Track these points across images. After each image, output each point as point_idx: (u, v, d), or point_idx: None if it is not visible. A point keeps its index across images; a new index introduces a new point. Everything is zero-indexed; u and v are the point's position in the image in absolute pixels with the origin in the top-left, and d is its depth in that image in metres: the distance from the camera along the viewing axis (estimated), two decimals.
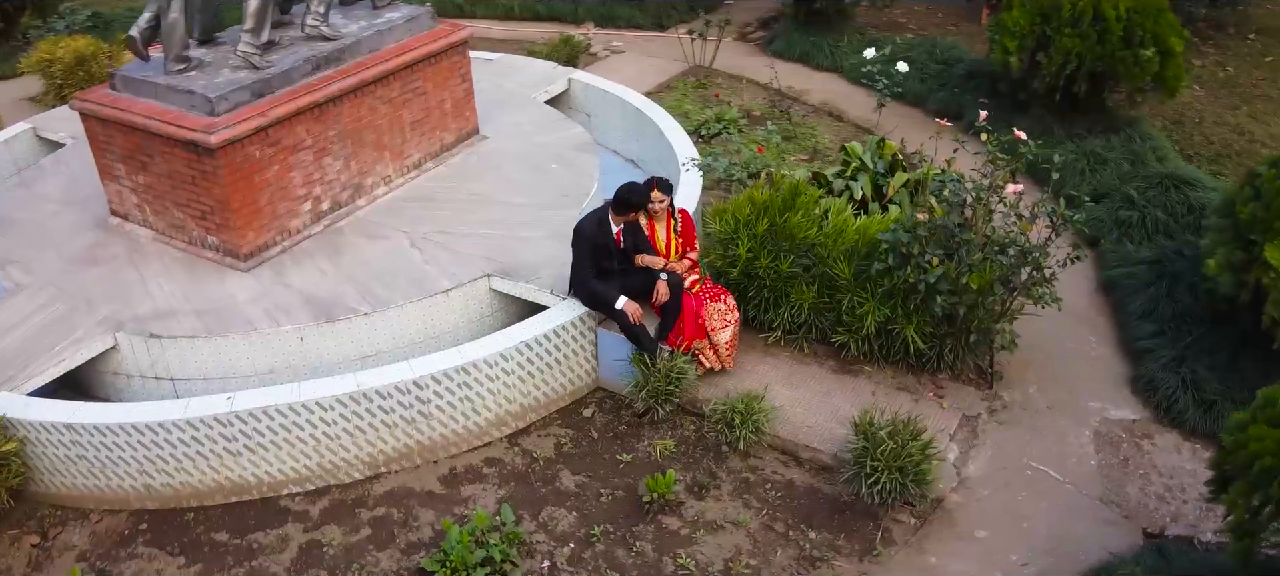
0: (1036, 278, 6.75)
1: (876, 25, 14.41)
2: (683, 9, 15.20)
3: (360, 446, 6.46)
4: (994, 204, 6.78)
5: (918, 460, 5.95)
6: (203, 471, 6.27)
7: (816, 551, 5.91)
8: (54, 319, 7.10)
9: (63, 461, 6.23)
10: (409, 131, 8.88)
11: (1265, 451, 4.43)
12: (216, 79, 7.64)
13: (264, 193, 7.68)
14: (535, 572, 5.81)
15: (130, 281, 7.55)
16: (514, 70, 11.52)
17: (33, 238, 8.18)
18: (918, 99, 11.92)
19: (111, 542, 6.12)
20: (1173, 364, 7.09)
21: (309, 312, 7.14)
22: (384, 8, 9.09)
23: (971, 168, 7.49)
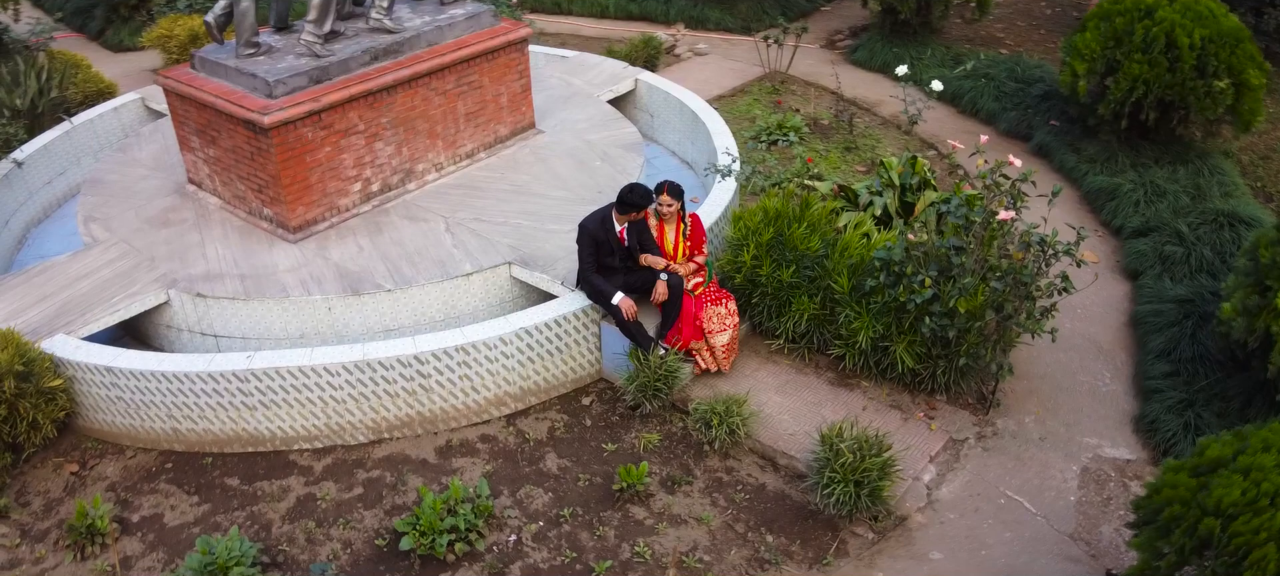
0: (1026, 307, 6.67)
1: (971, 39, 14.17)
2: (774, 14, 15.29)
3: (364, 412, 6.96)
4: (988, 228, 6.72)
5: (876, 476, 6.03)
6: (222, 421, 6.89)
7: (769, 555, 6.07)
8: (119, 273, 7.89)
9: (103, 401, 6.96)
10: (463, 122, 9.38)
11: (1176, 498, 4.39)
12: (279, 64, 8.30)
13: (315, 171, 8.30)
14: (501, 544, 6.18)
15: (191, 244, 8.29)
16: (585, 68, 11.91)
17: (118, 198, 9.05)
18: (989, 117, 11.73)
19: (139, 477, 6.81)
20: (1179, 406, 6.90)
21: (339, 285, 7.70)
22: (449, 4, 9.61)
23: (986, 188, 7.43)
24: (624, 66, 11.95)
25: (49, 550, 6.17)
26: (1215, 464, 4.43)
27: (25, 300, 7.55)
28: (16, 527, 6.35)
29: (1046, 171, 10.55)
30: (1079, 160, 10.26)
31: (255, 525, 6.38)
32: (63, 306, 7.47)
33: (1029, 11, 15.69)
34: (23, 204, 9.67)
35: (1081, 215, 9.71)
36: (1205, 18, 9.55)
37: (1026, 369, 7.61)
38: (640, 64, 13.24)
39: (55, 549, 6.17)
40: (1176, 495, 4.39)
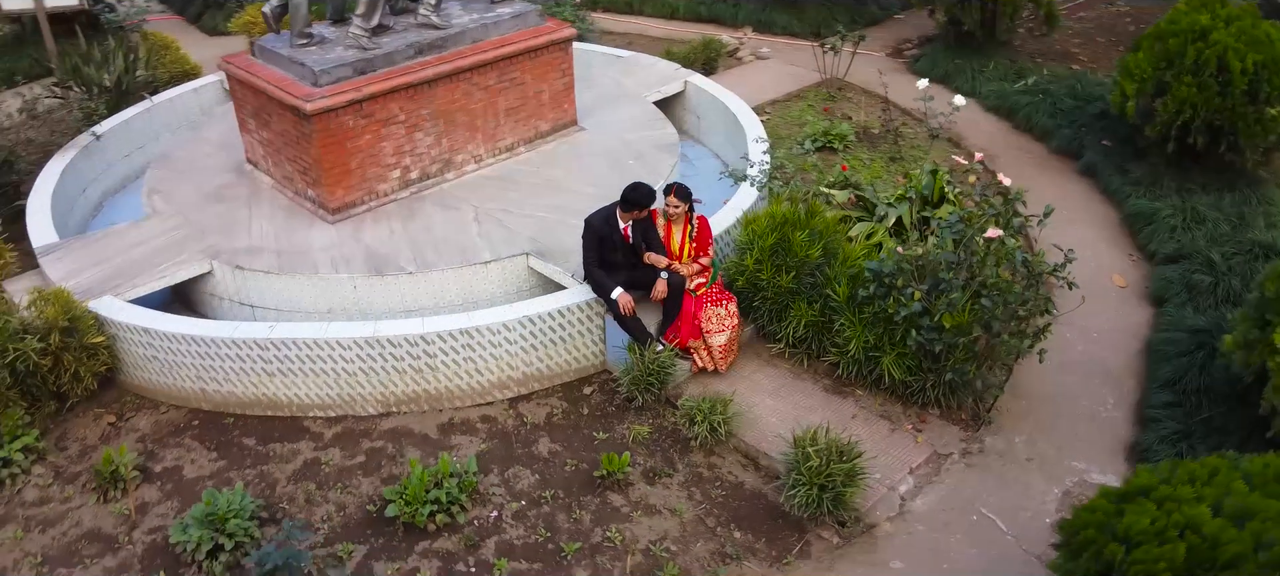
0: (1012, 326, 6.68)
1: (1044, 54, 13.94)
2: (844, 20, 15.27)
3: (374, 386, 7.39)
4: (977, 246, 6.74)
5: (840, 482, 6.15)
6: (245, 385, 7.41)
7: (733, 550, 6.25)
8: (170, 242, 8.51)
9: (141, 359, 7.56)
10: (503, 117, 9.76)
11: (1092, 523, 4.43)
12: (327, 55, 8.81)
13: (355, 157, 8.78)
14: (481, 519, 6.52)
15: (240, 219, 8.88)
16: (639, 69, 12.18)
17: (182, 173, 9.73)
18: (1043, 133, 11.57)
19: (167, 431, 7.38)
20: (1175, 437, 6.81)
21: (365, 265, 8.16)
22: (498, 3, 10.00)
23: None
24: (676, 68, 12.18)
25: (77, 492, 6.77)
26: (1139, 491, 4.45)
27: (84, 262, 8.22)
28: (52, 469, 6.97)
29: (1091, 192, 10.38)
30: (1124, 182, 10.06)
31: (262, 482, 6.86)
32: (116, 270, 8.12)
33: (1112, 28, 15.31)
34: (101, 174, 10.45)
35: (1120, 238, 9.55)
36: (1261, 43, 9.26)
37: (1028, 389, 7.58)
38: (699, 66, 13.45)
39: (82, 491, 6.77)
40: (1093, 519, 4.44)
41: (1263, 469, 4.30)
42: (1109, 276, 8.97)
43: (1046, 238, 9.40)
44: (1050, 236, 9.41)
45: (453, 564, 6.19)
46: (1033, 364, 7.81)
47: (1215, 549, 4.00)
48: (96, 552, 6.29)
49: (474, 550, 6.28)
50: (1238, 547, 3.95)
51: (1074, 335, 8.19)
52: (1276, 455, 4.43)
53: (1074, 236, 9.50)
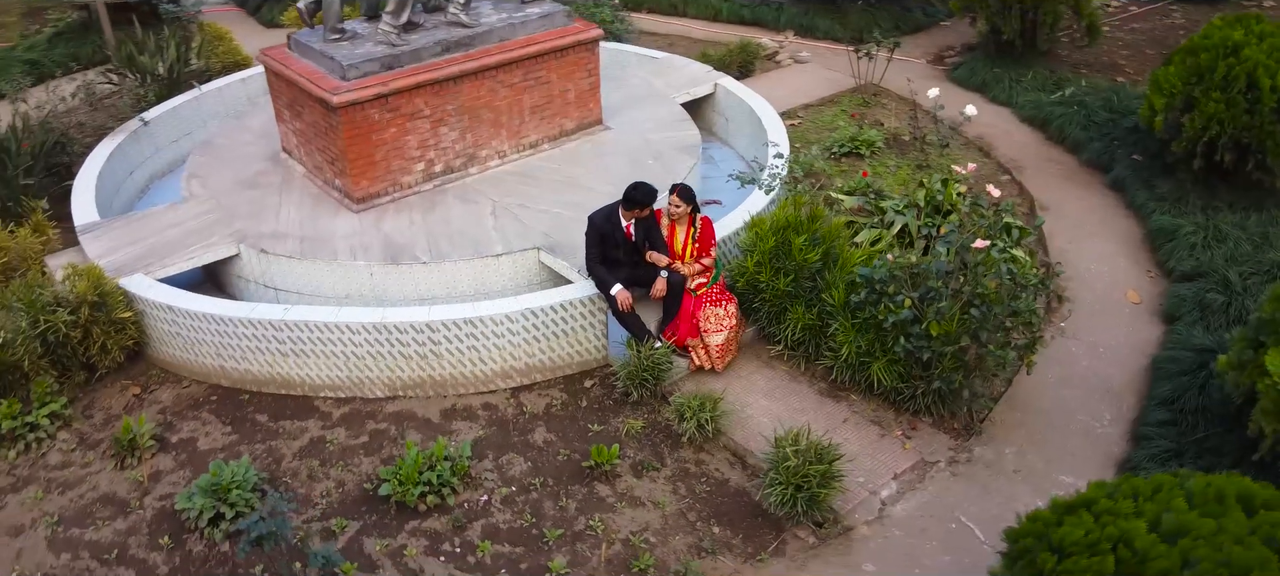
0: (997, 338, 6.70)
1: (1089, 65, 13.76)
2: (887, 26, 15.25)
3: (381, 370, 7.68)
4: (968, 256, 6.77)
5: (815, 483, 6.25)
6: (260, 364, 7.76)
7: (710, 544, 6.39)
8: (203, 225, 8.92)
9: (166, 335, 7.95)
10: (528, 114, 10.00)
11: (1032, 532, 4.50)
12: (356, 50, 9.14)
13: (380, 149, 9.10)
14: (471, 502, 6.76)
15: (269, 205, 9.26)
16: (671, 70, 12.34)
17: (221, 159, 10.16)
18: (1075, 145, 11.44)
19: (187, 405, 7.76)
20: (1166, 456, 6.76)
21: (382, 254, 8.46)
22: (528, 3, 10.25)
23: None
24: (707, 71, 12.32)
25: (97, 458, 7.17)
26: (1083, 504, 4.50)
27: (120, 241, 8.66)
28: (76, 435, 7.39)
29: (1117, 206, 10.26)
30: (1150, 197, 9.94)
31: (270, 457, 7.19)
32: (149, 249, 8.54)
33: (1163, 40, 15.01)
34: (148, 158, 10.96)
35: (1140, 254, 9.44)
36: None
37: (1025, 401, 7.58)
38: (735, 69, 13.58)
39: (102, 457, 7.17)
40: (1034, 529, 4.50)
41: (1204, 488, 4.31)
42: (1123, 292, 8.88)
43: (1066, 251, 9.39)
44: (1070, 250, 9.41)
45: (439, 543, 6.44)
46: (1033, 376, 7.84)
47: (1143, 564, 4.04)
48: (109, 515, 6.67)
49: (460, 531, 6.52)
50: (1164, 563, 3.98)
51: (1080, 350, 8.16)
52: (1222, 476, 4.43)
53: (1094, 250, 9.48)
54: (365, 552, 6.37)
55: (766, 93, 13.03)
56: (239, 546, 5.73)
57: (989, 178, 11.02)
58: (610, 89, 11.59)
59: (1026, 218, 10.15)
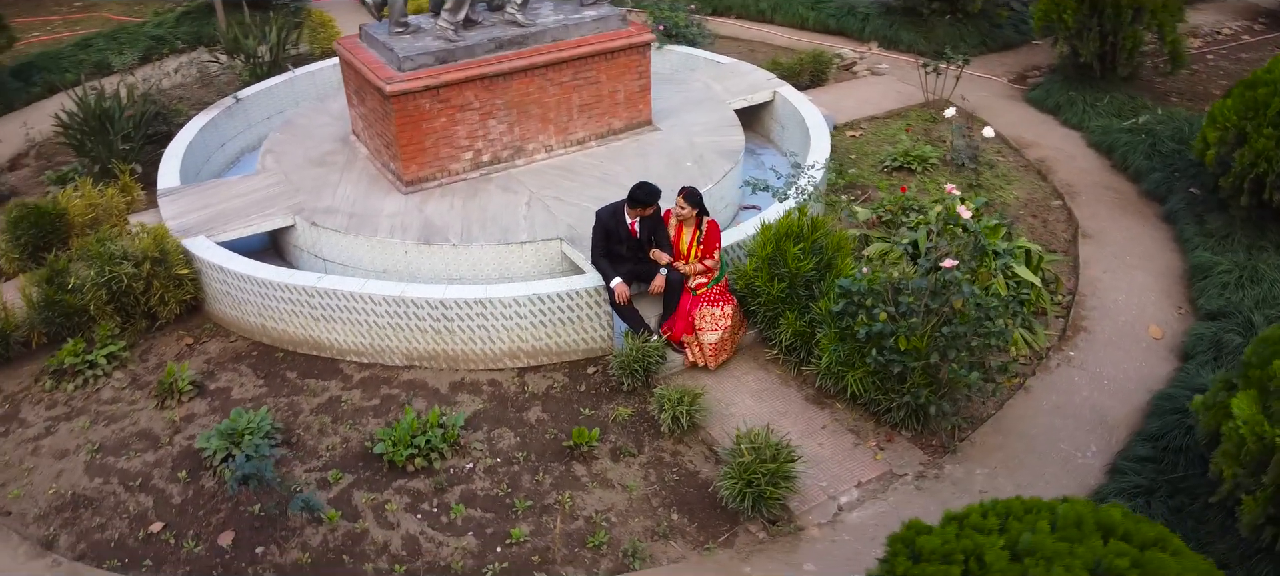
0: (961, 358, 6.78)
1: (1180, 93, 13.34)
2: (974, 42, 15.08)
3: (400, 340, 8.31)
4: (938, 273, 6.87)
5: (763, 481, 6.51)
6: (295, 326, 8.50)
7: (665, 530, 6.73)
8: (267, 197, 9.76)
9: (218, 293, 8.80)
10: (577, 112, 10.49)
11: (904, 538, 4.69)
12: (415, 44, 9.81)
13: (429, 137, 9.75)
14: (456, 468, 7.29)
15: (329, 183, 10.04)
16: (734, 76, 12.62)
17: (297, 139, 11.03)
18: (1137, 174, 11.17)
19: (229, 358, 8.57)
20: (1135, 491, 6.72)
21: (418, 234, 9.09)
22: (588, 6, 10.73)
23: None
24: (769, 78, 12.54)
25: (142, 397, 8.03)
26: (959, 517, 4.68)
27: (192, 205, 9.59)
28: (129, 376, 8.28)
29: (1165, 239, 10.02)
30: (1198, 232, 9.67)
31: (290, 410, 7.90)
32: (216, 214, 9.43)
33: None
34: (241, 133, 11.96)
35: (1176, 289, 9.23)
36: None
37: (1012, 425, 7.61)
38: (806, 77, 13.75)
39: (147, 397, 8.03)
40: (907, 536, 4.69)
41: (1067, 512, 4.42)
42: (1146, 326, 8.73)
43: (1098, 280, 9.32)
44: (1103, 279, 9.33)
45: (419, 502, 6.99)
46: (1026, 400, 7.87)
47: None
48: (141, 448, 7.50)
49: (441, 493, 7.06)
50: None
51: (1083, 380, 8.10)
52: (1084, 501, 4.52)
53: (1127, 282, 9.33)
54: (352, 503, 6.98)
55: (833, 103, 13.24)
56: (228, 482, 6.42)
57: (1041, 202, 10.92)
58: (669, 92, 11.99)
59: (1066, 245, 10.04)
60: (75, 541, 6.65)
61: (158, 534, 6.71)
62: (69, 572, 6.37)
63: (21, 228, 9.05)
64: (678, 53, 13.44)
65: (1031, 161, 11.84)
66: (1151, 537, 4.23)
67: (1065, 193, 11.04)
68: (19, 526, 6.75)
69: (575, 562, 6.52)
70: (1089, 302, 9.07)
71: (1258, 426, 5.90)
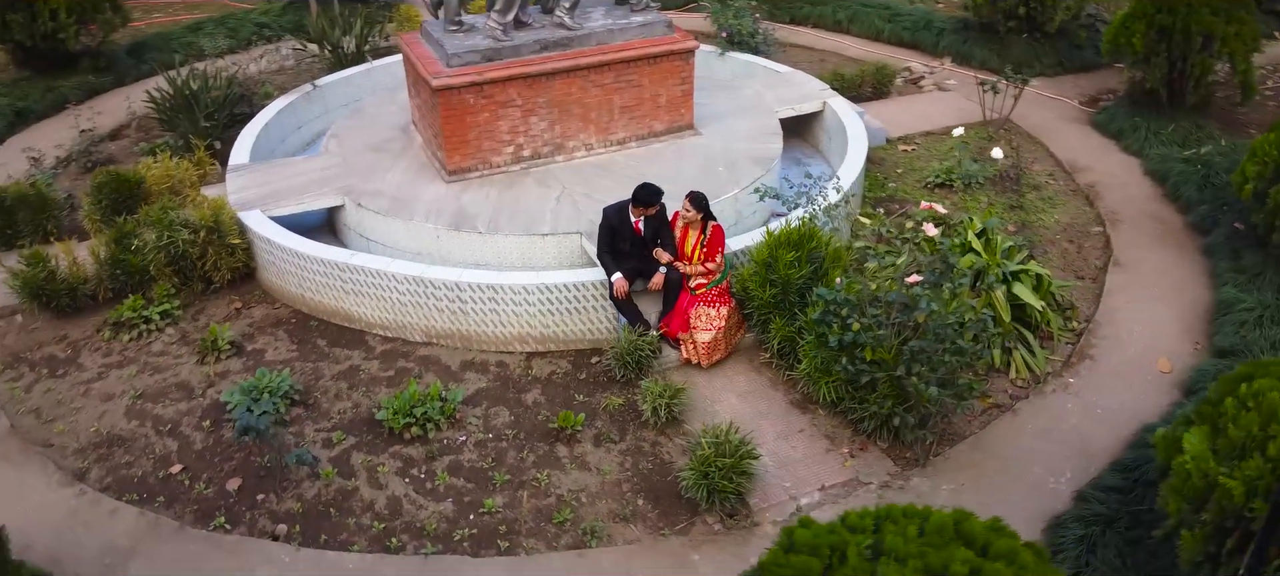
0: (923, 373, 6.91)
1: (1257, 124, 12.89)
2: (1048, 63, 14.85)
3: (419, 318, 8.90)
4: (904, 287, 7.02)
5: (717, 475, 6.81)
6: (328, 298, 9.20)
7: (628, 513, 7.11)
8: (323, 177, 10.51)
9: (265, 263, 9.58)
10: (618, 113, 10.92)
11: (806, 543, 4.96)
12: (465, 41, 10.41)
13: (472, 130, 10.34)
14: (450, 440, 7.82)
15: (381, 168, 10.75)
16: (789, 84, 12.83)
17: (361, 125, 11.81)
18: (1186, 206, 10.91)
19: (270, 323, 9.33)
20: (1094, 520, 6.75)
21: (450, 221, 9.68)
22: (637, 11, 11.14)
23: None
24: (822, 88, 12.70)
25: (187, 352, 8.85)
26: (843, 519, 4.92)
27: (255, 181, 10.43)
28: (179, 333, 9.12)
29: (1198, 273, 9.80)
30: (1231, 268, 9.44)
31: (313, 374, 8.59)
32: (274, 191, 10.24)
33: None
34: (317, 117, 12.84)
35: (1197, 324, 9.05)
36: None
37: (991, 445, 7.68)
38: (868, 89, 13.85)
39: (191, 352, 8.84)
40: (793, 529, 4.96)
41: (935, 520, 4.61)
42: (1156, 359, 8.61)
43: (1118, 310, 9.31)
44: (1124, 309, 9.32)
45: (409, 467, 7.56)
46: (1011, 421, 7.93)
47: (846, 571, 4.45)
48: (177, 398, 8.30)
49: (431, 461, 7.61)
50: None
51: (1075, 407, 8.09)
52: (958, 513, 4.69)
53: (1148, 313, 9.22)
54: (350, 463, 7.59)
55: (891, 116, 13.32)
56: (234, 432, 7.11)
57: (1080, 228, 10.80)
58: (719, 98, 12.29)
59: (1095, 272, 9.93)
60: (104, 475, 7.46)
61: (176, 475, 7.46)
62: (91, 502, 7.17)
63: (103, 192, 10.04)
64: (738, 60, 13.71)
65: (1081, 186, 11.68)
66: (1004, 550, 4.40)
67: (1108, 219, 10.88)
68: (58, 458, 7.61)
69: (538, 535, 6.97)
70: (1102, 331, 8.99)
71: (1203, 462, 5.90)
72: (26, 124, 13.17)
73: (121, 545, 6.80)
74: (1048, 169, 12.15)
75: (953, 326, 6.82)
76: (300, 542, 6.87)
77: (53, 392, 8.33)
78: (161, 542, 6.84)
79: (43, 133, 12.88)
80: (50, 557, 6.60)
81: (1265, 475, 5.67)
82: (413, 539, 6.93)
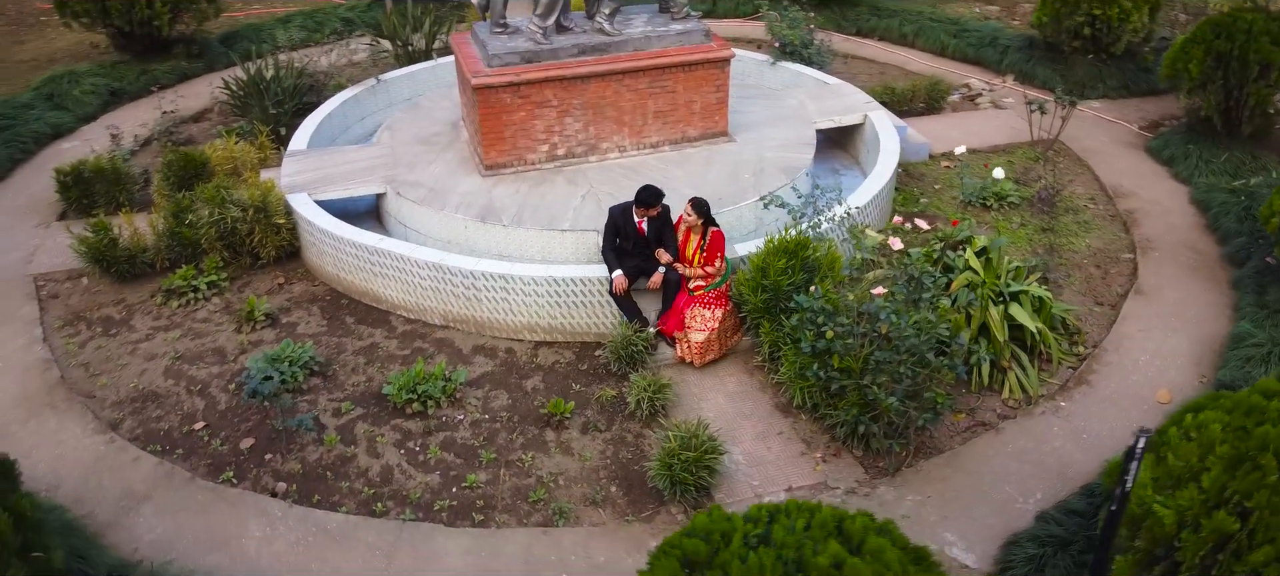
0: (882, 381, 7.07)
1: None
2: (1113, 84, 14.57)
3: (438, 303, 9.45)
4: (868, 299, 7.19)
5: (679, 468, 7.12)
6: (359, 279, 9.83)
7: (600, 498, 7.47)
8: (370, 166, 11.19)
9: (307, 243, 10.28)
10: (651, 117, 11.29)
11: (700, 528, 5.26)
12: (507, 43, 10.93)
13: (509, 128, 10.85)
14: (448, 417, 8.32)
15: (425, 160, 11.36)
16: (834, 96, 12.96)
17: (415, 119, 12.46)
18: (1224, 237, 10.67)
19: (306, 298, 10.02)
20: (1049, 541, 6.82)
21: (478, 213, 10.21)
22: (677, 19, 11.48)
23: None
24: (867, 101, 12.79)
25: (227, 321, 9.60)
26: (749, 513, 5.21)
27: (308, 166, 11.16)
28: (224, 303, 9.88)
29: (1222, 307, 9.62)
30: (1255, 303, 9.25)
31: (335, 348, 9.21)
32: (324, 176, 10.95)
33: None
34: (381, 109, 13.56)
35: (1207, 358, 8.92)
36: None
37: (966, 463, 7.78)
38: (921, 104, 13.87)
39: (231, 320, 9.58)
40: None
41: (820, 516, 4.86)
42: (1157, 390, 8.53)
43: (1127, 338, 9.33)
44: (1133, 338, 9.35)
45: (406, 440, 8.09)
46: (992, 440, 8.01)
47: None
48: (211, 361, 9.03)
49: (426, 436, 8.12)
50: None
51: (1062, 431, 8.11)
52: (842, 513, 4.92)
53: (1161, 345, 9.15)
54: (353, 432, 8.17)
55: (939, 132, 13.34)
56: (243, 395, 7.77)
57: (1110, 254, 10.68)
58: (760, 106, 12.54)
59: (1115, 299, 9.84)
60: (134, 427, 8.22)
61: (197, 431, 8.17)
62: (118, 449, 7.91)
63: (172, 169, 10.92)
64: (789, 70, 13.90)
65: (1120, 212, 11.51)
66: (872, 548, 4.62)
67: (1141, 247, 10.72)
68: (97, 409, 8.40)
69: (511, 511, 7.40)
70: (1106, 358, 8.94)
71: (1142, 490, 5.96)
72: (119, 103, 14.31)
73: (138, 490, 7.51)
74: (1090, 192, 12.00)
75: (922, 340, 6.96)
76: (295, 500, 7.47)
77: (103, 349, 9.17)
78: (173, 491, 7.53)
79: (132, 112, 13.97)
80: (74, 497, 7.36)
81: (1196, 505, 5.72)
82: (397, 505, 7.45)
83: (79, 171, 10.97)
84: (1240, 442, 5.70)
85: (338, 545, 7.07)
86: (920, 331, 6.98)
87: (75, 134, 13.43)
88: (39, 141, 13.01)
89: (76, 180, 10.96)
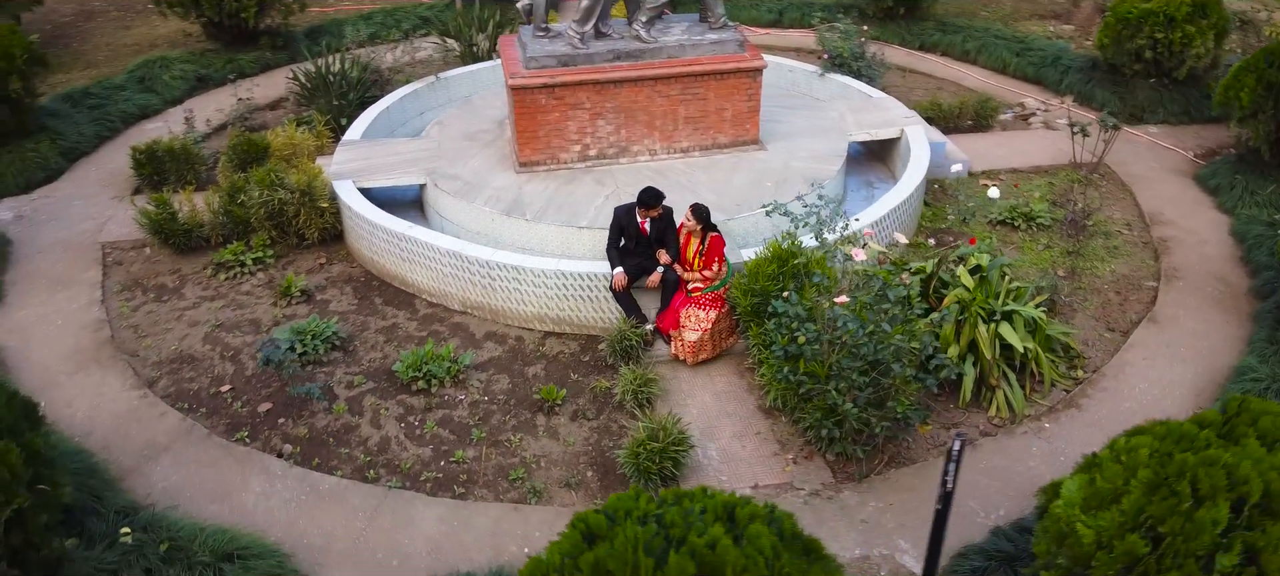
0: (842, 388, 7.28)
1: None
2: (1172, 109, 14.26)
3: (458, 289, 10.01)
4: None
5: (645, 459, 7.48)
6: (389, 263, 10.48)
7: (575, 481, 7.90)
8: (414, 159, 11.85)
9: (348, 227, 10.99)
10: (682, 123, 11.65)
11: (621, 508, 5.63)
12: (546, 47, 11.43)
13: (543, 128, 11.36)
14: (450, 396, 8.87)
15: (466, 155, 11.96)
16: (876, 110, 13.08)
17: (465, 116, 13.09)
18: (1255, 270, 10.47)
19: (342, 278, 10.72)
20: (998, 555, 6.96)
21: (505, 208, 10.74)
22: (714, 29, 11.81)
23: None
24: (907, 115, 12.87)
25: (268, 294, 10.36)
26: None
27: (358, 155, 11.88)
28: (267, 278, 10.65)
29: (1237, 339, 9.47)
30: (1267, 338, 9.10)
31: (360, 326, 9.86)
32: (370, 165, 11.66)
33: None
34: (440, 105, 14.25)
35: (1209, 390, 8.81)
36: None
37: (936, 473, 7.87)
38: (969, 121, 13.86)
39: (270, 294, 10.34)
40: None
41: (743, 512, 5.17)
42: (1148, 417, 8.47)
43: (1131, 364, 9.31)
44: (1139, 365, 9.37)
45: (407, 415, 8.66)
46: (967, 455, 8.10)
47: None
48: (246, 330, 9.79)
49: (428, 411, 8.68)
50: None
51: (1042, 452, 8.18)
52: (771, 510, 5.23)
53: (1163, 375, 9.13)
54: (360, 404, 8.78)
55: (983, 151, 13.35)
56: (258, 361, 8.47)
57: (1133, 281, 10.58)
58: (798, 116, 12.77)
59: (1128, 326, 9.77)
60: (169, 385, 9.01)
61: (222, 393, 8.91)
62: (149, 404, 8.70)
63: (236, 152, 11.79)
64: (836, 81, 14.05)
65: (1154, 239, 11.35)
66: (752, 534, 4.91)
67: (1167, 275, 10.58)
68: (138, 366, 9.23)
69: (490, 487, 7.89)
70: (1104, 383, 8.93)
71: (1070, 509, 6.08)
72: (206, 89, 15.39)
73: (160, 442, 8.27)
74: (1128, 217, 11.84)
75: (880, 350, 7.16)
76: (296, 462, 8.11)
77: (153, 314, 10.03)
78: (191, 445, 8.26)
79: (216, 98, 15.00)
80: (103, 443, 8.16)
81: (1113, 527, 5.81)
82: (388, 473, 8.02)
83: (152, 150, 11.94)
84: (1161, 468, 5.77)
85: (326, 504, 7.67)
86: (877, 341, 7.17)
87: (160, 116, 14.54)
88: (126, 121, 14.15)
89: (150, 158, 11.93)
